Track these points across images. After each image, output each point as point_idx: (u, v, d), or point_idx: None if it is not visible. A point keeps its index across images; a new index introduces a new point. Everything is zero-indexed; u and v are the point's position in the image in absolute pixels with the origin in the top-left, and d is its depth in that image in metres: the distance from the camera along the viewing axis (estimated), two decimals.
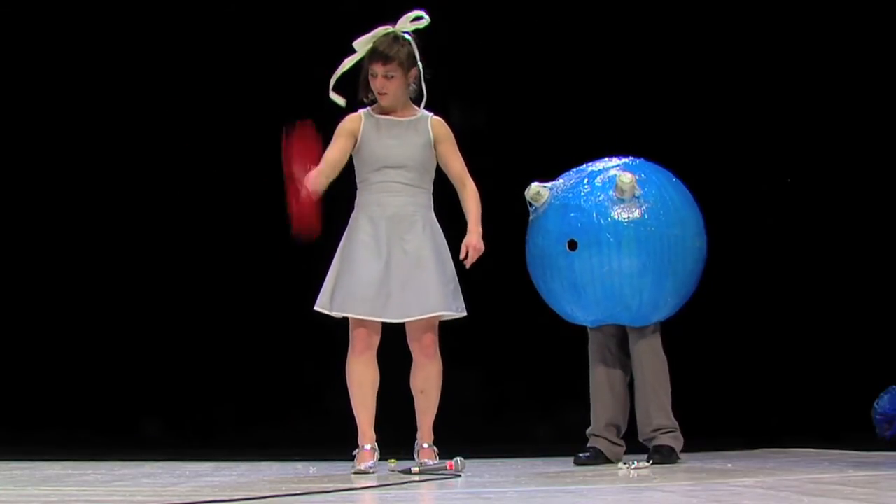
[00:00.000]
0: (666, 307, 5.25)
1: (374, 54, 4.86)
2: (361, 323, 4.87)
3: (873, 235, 6.95)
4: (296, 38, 6.90)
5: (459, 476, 4.59)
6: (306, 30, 6.93)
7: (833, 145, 7.07)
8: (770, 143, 7.12)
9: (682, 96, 7.00)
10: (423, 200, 4.95)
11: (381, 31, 4.91)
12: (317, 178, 4.72)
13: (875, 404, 6.38)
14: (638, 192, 5.10)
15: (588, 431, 5.39)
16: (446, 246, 4.96)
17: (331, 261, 4.95)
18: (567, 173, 5.37)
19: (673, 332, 5.37)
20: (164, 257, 7.05)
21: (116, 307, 7.03)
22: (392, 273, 4.83)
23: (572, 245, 5.12)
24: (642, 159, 5.33)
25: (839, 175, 7.06)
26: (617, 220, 5.08)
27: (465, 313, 4.94)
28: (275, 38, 6.98)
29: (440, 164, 5.01)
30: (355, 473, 4.75)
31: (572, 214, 5.14)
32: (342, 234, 4.96)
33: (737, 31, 7.08)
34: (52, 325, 6.99)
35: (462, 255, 4.89)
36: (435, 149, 4.98)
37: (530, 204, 5.30)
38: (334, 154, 4.89)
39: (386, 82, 4.88)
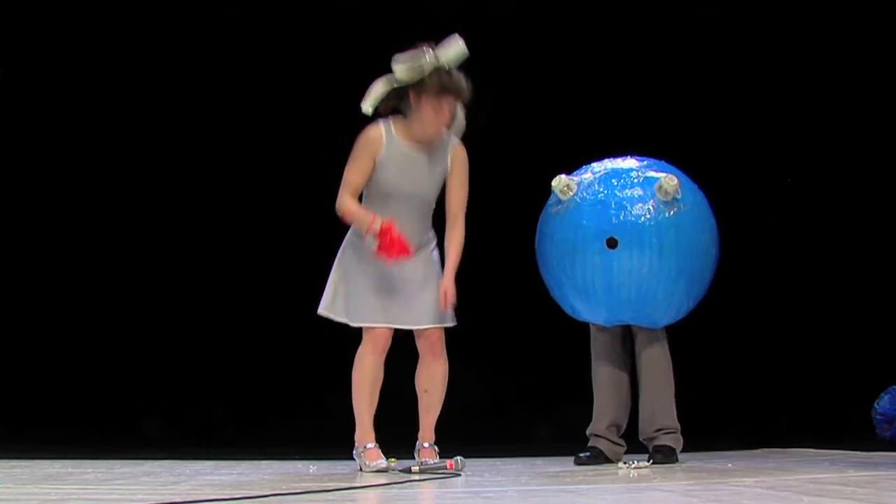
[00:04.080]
0: (684, 311, 5.24)
1: (448, 90, 4.74)
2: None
3: (873, 236, 6.95)
4: (300, 40, 6.90)
5: (459, 475, 4.59)
6: (312, 31, 6.93)
7: (832, 147, 7.07)
8: (769, 145, 7.12)
9: (679, 96, 7.00)
10: (429, 223, 4.96)
11: (430, 61, 4.72)
12: (359, 210, 4.80)
13: (875, 404, 6.38)
14: (679, 195, 5.05)
15: (589, 431, 5.36)
16: None
17: (329, 263, 4.95)
18: (588, 168, 5.25)
19: (672, 331, 5.36)
20: (164, 256, 7.05)
21: (117, 306, 7.03)
22: (405, 281, 4.84)
23: (612, 243, 5.04)
24: (663, 161, 5.26)
25: (839, 176, 7.06)
26: (660, 221, 5.01)
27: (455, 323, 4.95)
28: (279, 38, 6.98)
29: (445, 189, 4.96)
30: (375, 473, 4.74)
31: (612, 212, 5.04)
32: (341, 239, 4.95)
33: (735, 31, 7.08)
34: (51, 324, 6.99)
35: (441, 298, 4.84)
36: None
37: (554, 194, 5.20)
38: (359, 178, 4.85)
39: (448, 117, 4.82)
